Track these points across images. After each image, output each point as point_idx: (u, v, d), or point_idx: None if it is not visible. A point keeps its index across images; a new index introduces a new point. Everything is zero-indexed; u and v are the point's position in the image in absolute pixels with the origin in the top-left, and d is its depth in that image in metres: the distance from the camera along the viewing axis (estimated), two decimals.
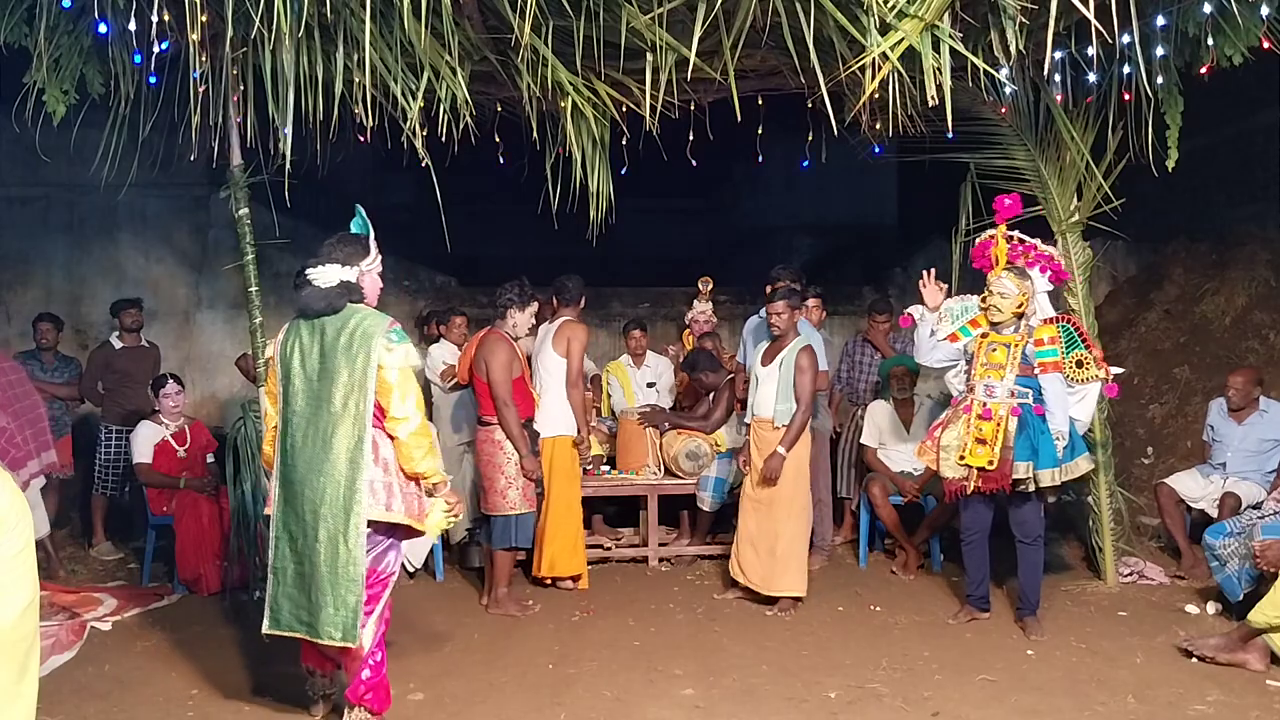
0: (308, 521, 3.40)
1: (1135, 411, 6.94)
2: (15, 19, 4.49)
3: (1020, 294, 4.53)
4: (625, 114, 4.78)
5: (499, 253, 10.00)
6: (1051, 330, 4.54)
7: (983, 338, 4.65)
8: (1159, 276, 7.88)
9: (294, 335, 3.51)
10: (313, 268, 3.50)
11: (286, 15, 3.67)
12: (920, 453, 4.92)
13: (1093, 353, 4.67)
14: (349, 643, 3.34)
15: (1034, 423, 4.46)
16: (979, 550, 4.76)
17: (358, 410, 3.37)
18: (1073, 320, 4.75)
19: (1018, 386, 4.49)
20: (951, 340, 4.83)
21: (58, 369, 6.63)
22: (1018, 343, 4.53)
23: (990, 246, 4.85)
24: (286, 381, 3.50)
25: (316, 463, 3.39)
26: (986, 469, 4.49)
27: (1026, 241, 4.83)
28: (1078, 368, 4.61)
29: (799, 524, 5.08)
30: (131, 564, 6.05)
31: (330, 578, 3.35)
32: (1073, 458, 4.53)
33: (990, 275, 4.68)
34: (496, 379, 4.89)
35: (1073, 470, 4.54)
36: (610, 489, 6.05)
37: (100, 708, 3.79)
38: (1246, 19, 4.36)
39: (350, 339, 3.39)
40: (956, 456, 4.59)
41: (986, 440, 4.49)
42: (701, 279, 6.77)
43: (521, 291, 5.06)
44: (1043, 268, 4.79)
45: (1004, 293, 4.55)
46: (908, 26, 3.53)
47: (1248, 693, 3.83)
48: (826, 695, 3.86)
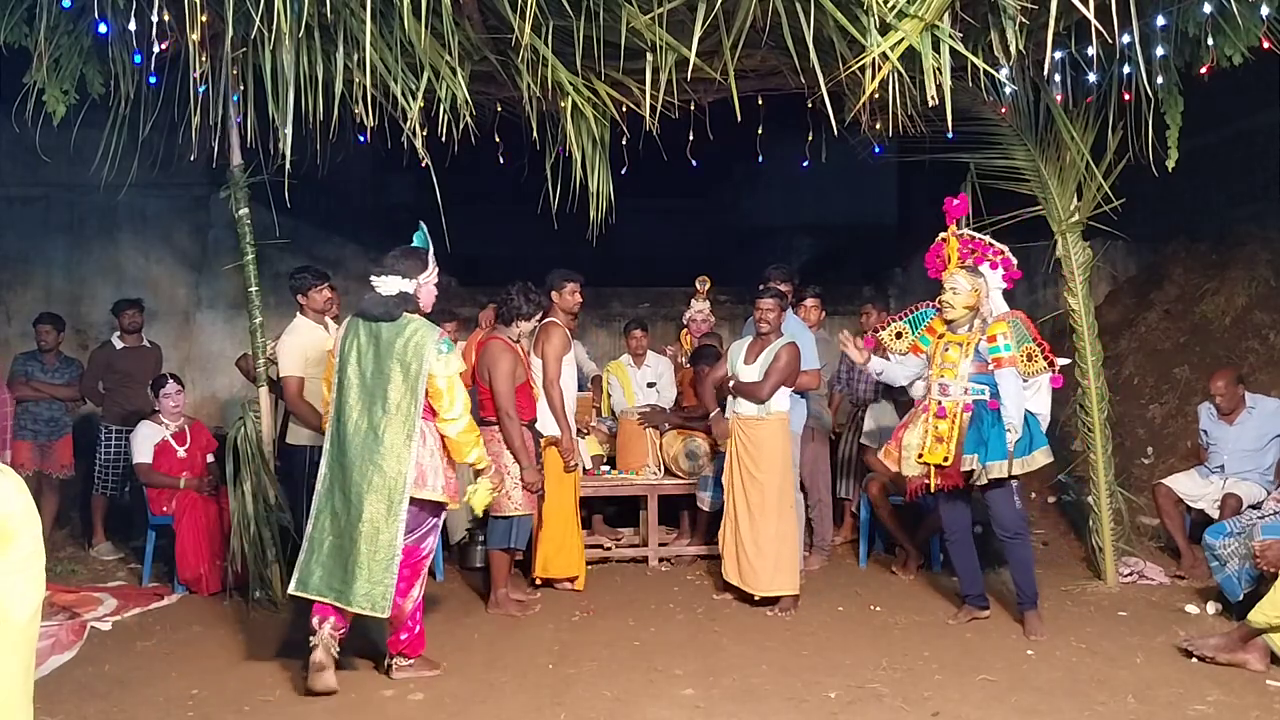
0: (353, 503, 3.83)
1: (1135, 411, 6.94)
2: (15, 19, 4.49)
3: (972, 289, 4.60)
4: (625, 114, 4.79)
5: (499, 253, 9.99)
6: (1003, 326, 4.56)
7: (939, 339, 4.72)
8: (1159, 276, 7.88)
9: (353, 333, 3.96)
10: (376, 276, 3.93)
11: (286, 15, 3.68)
12: (885, 454, 4.95)
13: (1041, 345, 4.67)
14: (379, 614, 3.78)
15: (986, 417, 4.52)
16: (963, 549, 4.80)
17: (409, 411, 3.83)
18: (1023, 316, 4.75)
19: (971, 384, 4.56)
20: (914, 353, 4.88)
21: (58, 370, 6.63)
22: (971, 341, 4.59)
23: (942, 248, 4.86)
24: (342, 374, 3.95)
25: (368, 452, 3.84)
26: (943, 465, 4.58)
27: (977, 239, 4.82)
28: (1028, 361, 4.63)
29: (785, 523, 5.08)
30: (131, 564, 6.05)
31: (369, 556, 3.78)
32: (1029, 451, 4.54)
33: (944, 274, 4.73)
34: (500, 389, 4.86)
35: (1029, 463, 4.55)
36: (610, 489, 6.05)
37: (100, 708, 3.78)
38: (1246, 19, 4.35)
39: (405, 346, 3.84)
40: (915, 455, 4.67)
41: (943, 438, 4.59)
42: (699, 278, 6.77)
43: (529, 301, 5.04)
44: (993, 264, 4.78)
45: (955, 288, 4.62)
46: (908, 26, 3.53)
47: (1248, 693, 3.83)
48: (826, 695, 3.86)
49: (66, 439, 6.60)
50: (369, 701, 3.84)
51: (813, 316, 6.02)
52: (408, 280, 3.92)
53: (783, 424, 5.12)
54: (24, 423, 6.48)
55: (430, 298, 4.05)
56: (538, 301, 5.09)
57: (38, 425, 6.49)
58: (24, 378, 6.51)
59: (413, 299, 3.94)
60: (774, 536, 5.05)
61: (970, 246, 4.79)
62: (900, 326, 4.93)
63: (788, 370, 5.05)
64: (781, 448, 5.12)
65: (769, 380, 5.02)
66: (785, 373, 5.04)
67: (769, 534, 5.05)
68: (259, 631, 4.62)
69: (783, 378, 5.05)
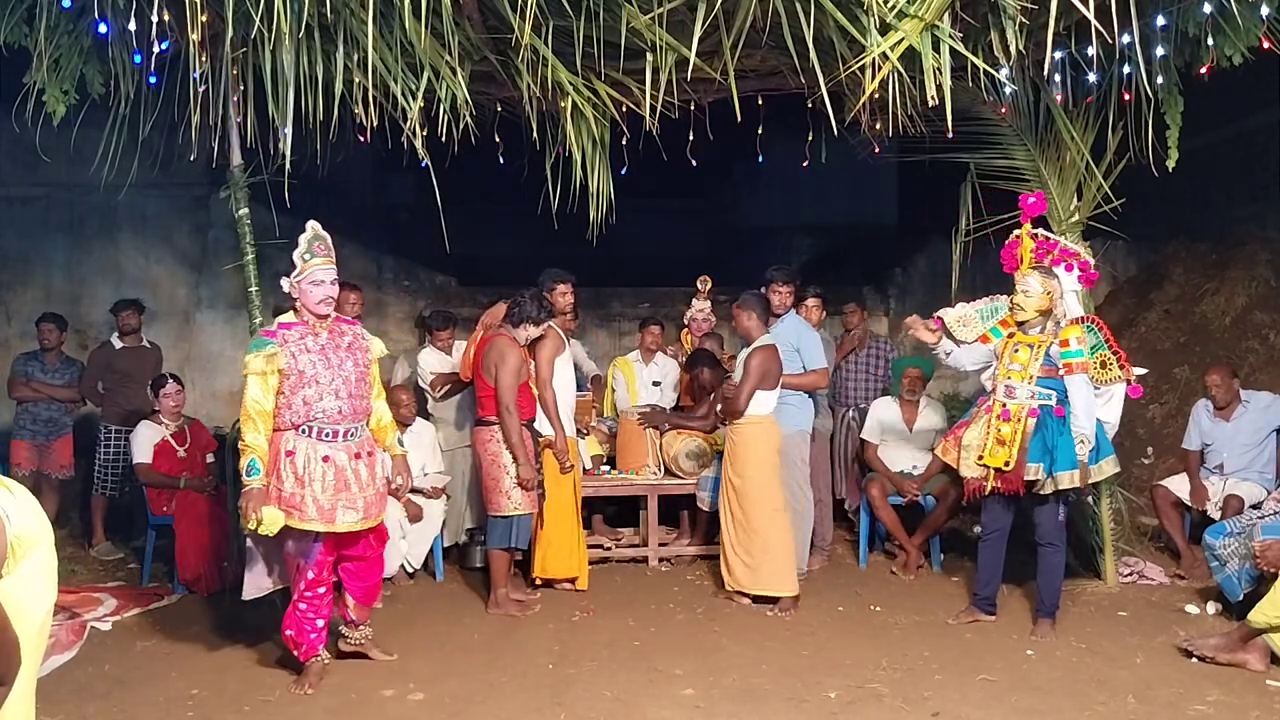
0: None
1: (1135, 411, 6.93)
2: (15, 19, 4.48)
3: (1045, 293, 4.51)
4: (625, 114, 4.78)
5: (499, 253, 9.98)
6: (1078, 330, 4.47)
7: (1009, 338, 4.64)
8: (1159, 276, 7.88)
9: None
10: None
11: (286, 15, 3.68)
12: (943, 451, 4.88)
13: (1116, 353, 4.65)
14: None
15: (1052, 424, 4.41)
16: (994, 551, 4.73)
17: None
18: (1098, 321, 4.72)
19: (1039, 388, 4.45)
20: (983, 341, 4.84)
21: (59, 370, 6.63)
22: (1042, 343, 4.49)
23: (1017, 246, 4.81)
24: None
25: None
26: (1003, 470, 4.48)
27: (1051, 239, 4.80)
28: (1101, 369, 4.57)
29: (775, 525, 5.07)
30: (131, 564, 6.05)
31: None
32: (1097, 460, 4.49)
33: (1016, 274, 4.66)
34: (505, 383, 4.88)
35: (1097, 473, 4.52)
36: (610, 489, 6.05)
37: (100, 708, 3.79)
38: (1246, 19, 4.35)
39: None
40: (975, 456, 4.57)
41: (1005, 441, 4.47)
42: (700, 278, 6.77)
43: (541, 309, 5.08)
44: (1068, 265, 4.74)
45: (1028, 291, 4.52)
46: (908, 26, 3.54)
47: (1248, 693, 3.83)
48: (826, 695, 3.86)
49: (66, 439, 6.60)
50: (369, 701, 3.84)
51: (814, 316, 6.02)
52: (285, 280, 3.93)
53: (764, 427, 5.09)
54: (23, 423, 6.50)
55: (307, 297, 3.92)
56: (549, 312, 5.18)
57: (36, 425, 6.50)
58: (23, 378, 6.52)
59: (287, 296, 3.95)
60: (761, 541, 5.04)
61: (1045, 248, 4.72)
62: (969, 314, 4.88)
63: (759, 373, 5.02)
64: (763, 451, 5.08)
65: (742, 386, 5.03)
66: (757, 376, 5.02)
67: (756, 539, 5.05)
68: (259, 631, 4.62)
69: (755, 382, 5.02)
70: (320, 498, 3.81)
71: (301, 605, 3.92)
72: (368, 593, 4.20)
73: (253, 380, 3.80)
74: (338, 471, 3.85)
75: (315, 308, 3.92)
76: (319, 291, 3.90)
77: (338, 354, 3.93)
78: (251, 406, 3.80)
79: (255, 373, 3.80)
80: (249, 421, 3.81)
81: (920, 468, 5.85)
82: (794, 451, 5.43)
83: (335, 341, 3.96)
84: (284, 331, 3.89)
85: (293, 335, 3.88)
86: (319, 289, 3.90)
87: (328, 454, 3.85)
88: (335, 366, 3.90)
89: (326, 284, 3.91)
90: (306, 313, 3.94)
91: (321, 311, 3.93)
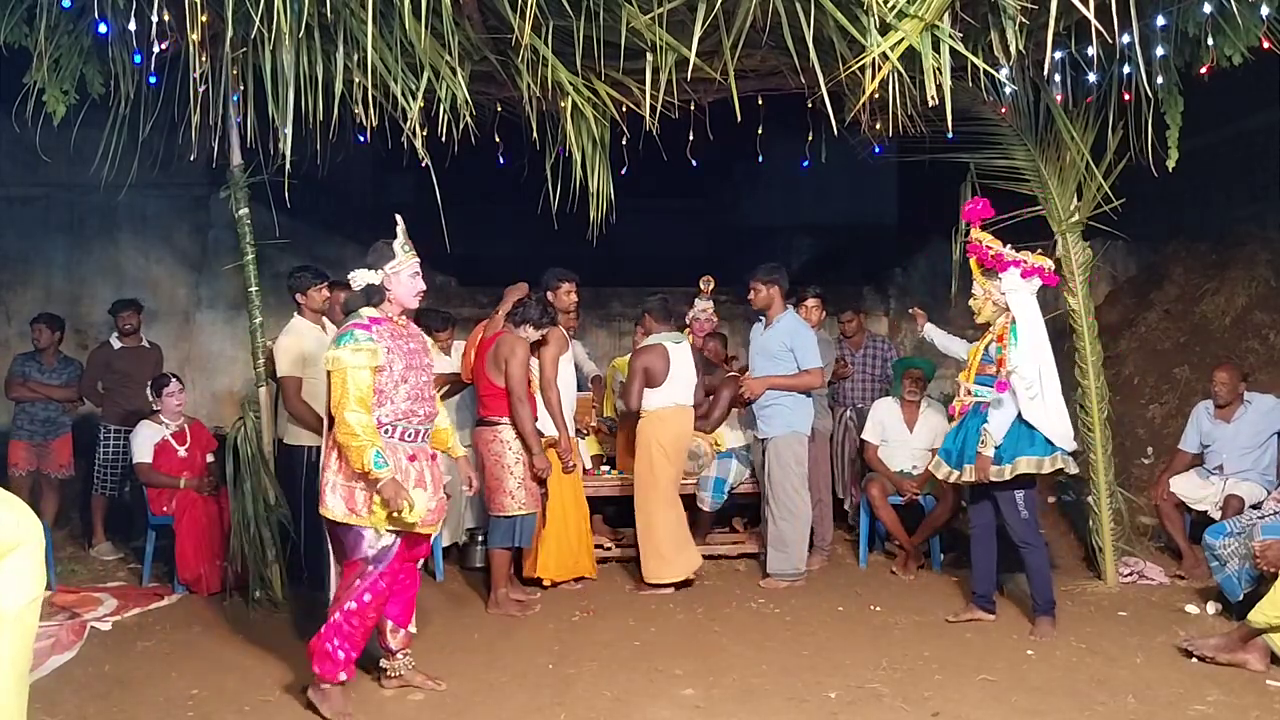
0: None
1: (1135, 411, 6.94)
2: (15, 19, 4.49)
3: (985, 295, 4.62)
4: (625, 114, 4.79)
5: (499, 253, 9.98)
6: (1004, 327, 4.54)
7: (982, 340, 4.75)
8: (1159, 276, 7.88)
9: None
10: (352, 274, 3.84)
11: (286, 15, 3.68)
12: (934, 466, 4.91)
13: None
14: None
15: (975, 420, 4.56)
16: (982, 546, 4.78)
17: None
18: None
19: (976, 384, 4.60)
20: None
21: (57, 370, 6.62)
22: (983, 342, 4.64)
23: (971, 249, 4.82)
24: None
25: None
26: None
27: (983, 244, 4.66)
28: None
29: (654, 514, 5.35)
30: (131, 564, 6.05)
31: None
32: (1010, 460, 4.44)
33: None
34: (514, 374, 4.92)
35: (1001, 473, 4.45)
36: (610, 489, 6.04)
37: (100, 708, 3.79)
38: (1246, 19, 4.36)
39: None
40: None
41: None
42: (703, 278, 6.77)
43: (544, 313, 5.12)
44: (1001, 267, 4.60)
45: (974, 294, 4.68)
46: (908, 26, 3.54)
47: (1248, 693, 3.83)
48: (826, 695, 3.86)
49: (65, 439, 6.60)
50: (369, 701, 3.84)
51: (814, 316, 6.02)
52: (374, 272, 3.73)
53: (645, 421, 5.41)
54: (20, 423, 6.50)
55: (404, 290, 3.75)
56: (551, 318, 5.22)
57: (34, 425, 6.50)
58: (20, 378, 6.52)
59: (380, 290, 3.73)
60: (643, 527, 5.40)
61: (975, 252, 4.70)
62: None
63: (635, 372, 5.40)
64: (642, 444, 5.41)
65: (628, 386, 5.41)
66: (635, 374, 5.40)
67: (641, 525, 5.42)
68: (259, 631, 4.62)
69: (634, 381, 5.39)
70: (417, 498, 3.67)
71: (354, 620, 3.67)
72: (406, 608, 3.95)
73: (364, 374, 3.58)
74: (419, 474, 3.73)
75: (412, 301, 3.80)
76: (418, 284, 3.80)
77: (416, 355, 3.83)
78: (364, 400, 3.58)
79: (364, 366, 3.59)
80: (360, 414, 3.56)
81: (920, 468, 5.86)
82: (788, 453, 5.43)
83: (416, 342, 3.87)
84: (376, 327, 3.69)
85: (384, 331, 3.71)
86: (418, 281, 3.80)
87: (413, 453, 3.75)
88: (417, 368, 3.79)
89: (420, 277, 3.84)
90: (392, 308, 3.79)
91: (415, 305, 3.85)
